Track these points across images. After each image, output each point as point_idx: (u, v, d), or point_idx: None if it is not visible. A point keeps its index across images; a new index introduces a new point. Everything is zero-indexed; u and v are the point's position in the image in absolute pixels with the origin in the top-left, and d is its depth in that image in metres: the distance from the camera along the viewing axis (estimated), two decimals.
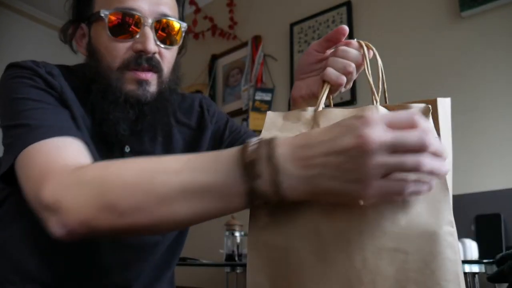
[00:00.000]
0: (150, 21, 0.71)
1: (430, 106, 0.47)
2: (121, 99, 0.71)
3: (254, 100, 2.33)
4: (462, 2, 1.76)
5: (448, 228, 0.43)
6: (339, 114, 0.52)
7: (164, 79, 0.76)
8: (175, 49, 0.78)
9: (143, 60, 0.71)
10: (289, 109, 0.64)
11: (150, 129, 0.78)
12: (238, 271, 1.82)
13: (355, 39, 0.61)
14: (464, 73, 1.74)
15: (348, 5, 2.15)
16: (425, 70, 1.84)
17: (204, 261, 1.90)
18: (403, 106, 0.50)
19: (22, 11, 3.02)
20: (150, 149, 0.80)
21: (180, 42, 0.78)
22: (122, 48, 0.71)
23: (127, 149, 0.77)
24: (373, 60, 0.57)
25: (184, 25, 0.78)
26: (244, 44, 2.59)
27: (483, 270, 1.19)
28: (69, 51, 0.80)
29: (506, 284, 0.62)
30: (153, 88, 0.74)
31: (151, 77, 0.73)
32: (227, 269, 1.84)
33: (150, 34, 0.71)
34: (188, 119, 0.86)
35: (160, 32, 0.73)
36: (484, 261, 1.18)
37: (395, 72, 1.79)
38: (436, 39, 1.85)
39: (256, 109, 2.30)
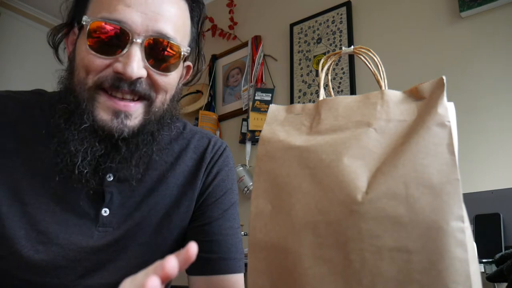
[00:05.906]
0: (140, 38, 0.57)
1: (443, 77, 0.46)
2: (89, 127, 0.58)
3: (254, 100, 2.33)
4: (461, 2, 1.76)
5: (458, 224, 0.38)
6: (342, 102, 0.51)
7: (154, 109, 0.62)
8: (173, 75, 0.63)
9: (124, 84, 0.58)
10: None
11: (123, 167, 0.63)
12: None
13: (352, 46, 0.60)
14: (464, 73, 1.74)
15: (348, 5, 2.15)
16: (425, 70, 1.84)
17: None
18: (412, 91, 0.48)
19: (23, 12, 3.01)
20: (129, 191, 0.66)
21: (179, 68, 0.64)
22: (100, 65, 0.58)
23: (109, 177, 0.64)
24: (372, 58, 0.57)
25: (186, 49, 0.63)
26: (244, 44, 2.59)
27: (482, 270, 1.19)
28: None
29: (505, 284, 0.62)
30: (134, 121, 0.60)
31: (133, 107, 0.59)
32: None
33: (136, 55, 0.57)
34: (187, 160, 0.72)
35: (152, 53, 0.59)
36: (483, 260, 1.18)
37: (394, 72, 1.79)
38: (436, 39, 1.85)
39: (256, 109, 2.30)
